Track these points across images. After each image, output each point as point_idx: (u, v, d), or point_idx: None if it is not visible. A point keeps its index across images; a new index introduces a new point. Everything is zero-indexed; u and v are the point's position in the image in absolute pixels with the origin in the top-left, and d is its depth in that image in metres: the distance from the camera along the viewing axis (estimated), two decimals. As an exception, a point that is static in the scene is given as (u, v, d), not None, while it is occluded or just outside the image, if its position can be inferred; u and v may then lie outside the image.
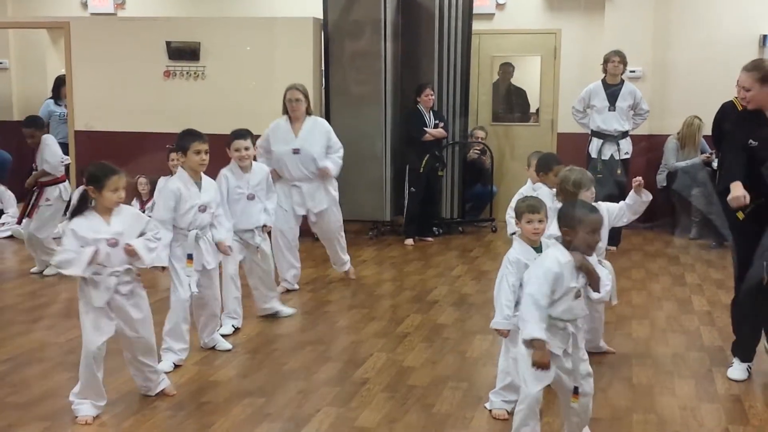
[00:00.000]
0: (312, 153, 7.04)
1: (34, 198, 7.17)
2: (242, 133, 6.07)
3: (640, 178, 5.19)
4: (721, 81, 9.55)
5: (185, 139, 5.28)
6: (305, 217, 7.29)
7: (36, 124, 7.53)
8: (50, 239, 7.37)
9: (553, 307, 3.79)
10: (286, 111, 7.06)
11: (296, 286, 7.22)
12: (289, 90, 7.04)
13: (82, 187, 4.43)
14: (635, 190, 5.16)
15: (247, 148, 6.04)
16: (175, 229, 5.22)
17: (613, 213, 5.24)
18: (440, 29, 9.84)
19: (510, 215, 5.89)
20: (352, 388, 5.01)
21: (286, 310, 6.47)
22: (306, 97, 7.06)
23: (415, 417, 4.61)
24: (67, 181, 7.37)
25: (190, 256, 5.25)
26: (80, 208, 4.39)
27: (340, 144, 7.27)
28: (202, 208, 5.29)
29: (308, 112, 7.10)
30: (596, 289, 3.84)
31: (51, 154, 7.40)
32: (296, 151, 7.01)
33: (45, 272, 6.95)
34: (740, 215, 5.01)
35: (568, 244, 3.82)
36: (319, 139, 7.08)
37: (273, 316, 6.37)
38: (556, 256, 3.80)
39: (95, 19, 11.32)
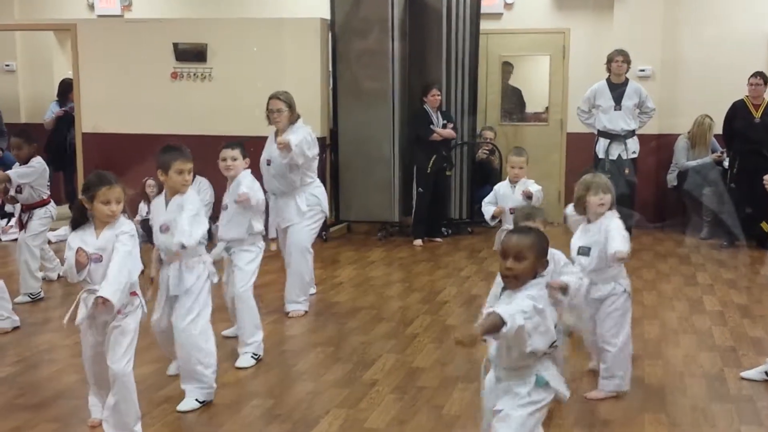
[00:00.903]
0: (280, 165, 6.44)
1: (25, 220, 7.09)
2: (230, 143, 5.64)
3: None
4: (731, 79, 9.54)
5: (167, 156, 4.66)
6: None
7: (26, 137, 7.28)
8: (39, 249, 7.20)
9: None
10: (270, 121, 6.52)
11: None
12: (270, 99, 6.48)
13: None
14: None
15: (234, 159, 5.54)
16: None
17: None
18: (448, 29, 9.82)
19: (487, 201, 6.20)
20: (362, 390, 4.98)
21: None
22: (290, 106, 6.43)
23: (424, 418, 4.58)
24: (52, 201, 7.25)
25: (151, 279, 4.88)
26: (78, 217, 4.14)
27: (317, 149, 6.59)
28: (163, 228, 4.71)
29: (293, 121, 6.46)
30: None
31: (35, 182, 7.11)
32: (268, 162, 6.50)
33: (16, 300, 6.75)
34: (765, 226, 4.95)
35: None
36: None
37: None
38: None
39: (102, 21, 11.33)
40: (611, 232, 4.67)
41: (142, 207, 9.13)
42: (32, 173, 7.01)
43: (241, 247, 5.57)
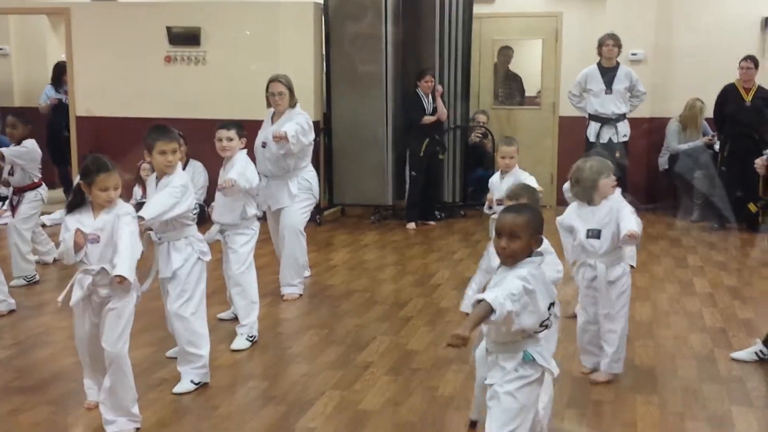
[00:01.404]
0: (273, 148, 6.42)
1: (15, 203, 7.11)
2: (225, 123, 5.61)
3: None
4: (722, 63, 9.58)
5: (150, 138, 4.63)
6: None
7: (23, 118, 7.30)
8: (30, 232, 7.21)
9: None
10: (269, 104, 6.55)
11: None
12: (271, 82, 6.47)
13: (77, 179, 4.32)
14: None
15: (230, 139, 5.50)
16: None
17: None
18: (441, 13, 9.83)
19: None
20: (356, 372, 5.03)
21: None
22: (290, 89, 6.45)
23: (418, 400, 4.63)
24: (43, 184, 7.26)
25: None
26: (75, 200, 4.18)
27: (313, 135, 6.60)
28: None
29: (292, 105, 6.50)
30: None
31: (27, 164, 7.15)
32: (263, 145, 6.49)
33: (11, 283, 6.77)
34: (752, 207, 4.99)
35: None
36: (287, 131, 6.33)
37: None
38: None
39: (96, 4, 11.27)
40: (623, 213, 4.69)
41: (137, 190, 9.14)
42: (24, 154, 7.02)
43: (235, 230, 5.60)
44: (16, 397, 4.62)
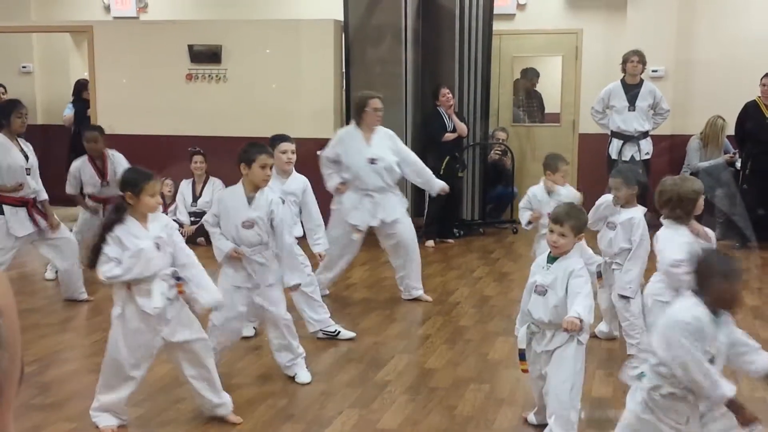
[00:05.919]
0: (388, 161, 6.73)
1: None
2: (284, 136, 5.73)
3: None
4: (744, 80, 9.51)
5: (252, 150, 4.84)
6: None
7: (101, 130, 7.54)
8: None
9: None
10: (356, 120, 6.81)
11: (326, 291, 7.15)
12: (372, 99, 6.73)
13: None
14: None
15: (293, 152, 5.70)
16: None
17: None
18: (461, 30, 9.83)
19: (522, 206, 6.26)
20: (374, 390, 5.02)
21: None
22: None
23: (437, 419, 4.61)
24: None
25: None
26: (119, 216, 4.22)
27: (412, 154, 7.09)
28: (246, 224, 4.97)
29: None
30: None
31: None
32: (373, 161, 6.70)
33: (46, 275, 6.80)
34: None
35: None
36: (390, 145, 6.83)
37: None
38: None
39: (118, 22, 11.42)
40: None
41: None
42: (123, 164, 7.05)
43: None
44: (37, 414, 4.64)
